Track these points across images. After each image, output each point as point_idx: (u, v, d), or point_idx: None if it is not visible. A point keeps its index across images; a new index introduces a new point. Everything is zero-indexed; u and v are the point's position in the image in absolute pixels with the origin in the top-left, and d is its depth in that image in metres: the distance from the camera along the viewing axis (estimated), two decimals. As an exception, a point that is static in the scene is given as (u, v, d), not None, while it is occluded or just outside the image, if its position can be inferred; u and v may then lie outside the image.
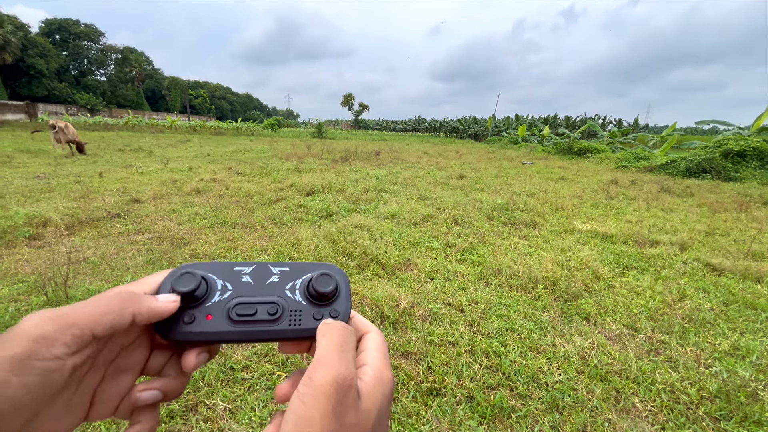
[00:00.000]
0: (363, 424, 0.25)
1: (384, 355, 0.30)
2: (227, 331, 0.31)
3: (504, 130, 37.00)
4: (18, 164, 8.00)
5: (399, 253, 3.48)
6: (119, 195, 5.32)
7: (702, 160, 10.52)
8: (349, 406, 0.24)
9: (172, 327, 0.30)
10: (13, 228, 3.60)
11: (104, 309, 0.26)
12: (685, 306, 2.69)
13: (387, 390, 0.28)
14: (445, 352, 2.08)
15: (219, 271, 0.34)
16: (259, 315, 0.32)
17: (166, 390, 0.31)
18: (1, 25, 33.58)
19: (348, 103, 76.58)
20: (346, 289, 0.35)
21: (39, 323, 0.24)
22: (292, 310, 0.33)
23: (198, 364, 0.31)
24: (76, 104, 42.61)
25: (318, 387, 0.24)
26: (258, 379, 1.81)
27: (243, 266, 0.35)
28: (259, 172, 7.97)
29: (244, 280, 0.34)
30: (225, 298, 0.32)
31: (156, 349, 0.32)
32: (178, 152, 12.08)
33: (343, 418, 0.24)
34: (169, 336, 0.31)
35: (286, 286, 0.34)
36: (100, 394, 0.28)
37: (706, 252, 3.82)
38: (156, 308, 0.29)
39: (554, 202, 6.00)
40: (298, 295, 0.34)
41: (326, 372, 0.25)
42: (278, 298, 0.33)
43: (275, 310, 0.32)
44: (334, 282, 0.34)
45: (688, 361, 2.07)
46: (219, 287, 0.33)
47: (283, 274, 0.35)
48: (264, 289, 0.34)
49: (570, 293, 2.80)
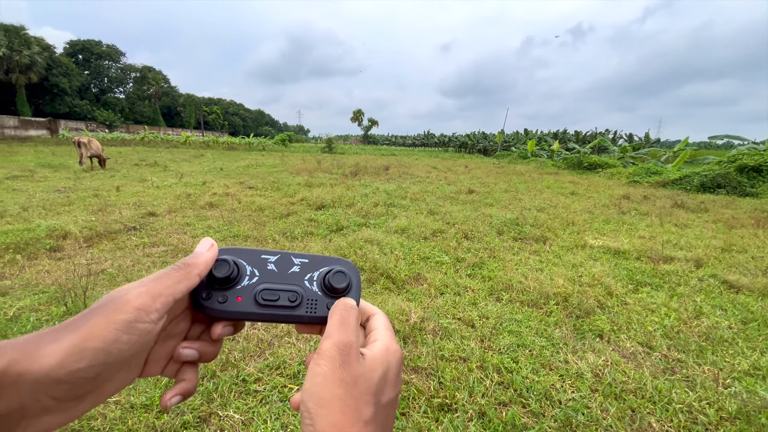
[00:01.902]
0: (367, 376, 0.31)
1: (390, 332, 0.37)
2: (253, 312, 0.36)
3: (513, 145, 37.05)
4: (40, 178, 8.29)
5: (409, 267, 3.49)
6: (135, 208, 5.46)
7: (716, 175, 10.37)
8: (352, 362, 0.31)
9: (208, 305, 0.36)
10: (35, 240, 3.72)
11: (176, 279, 0.32)
12: (702, 324, 2.64)
13: (393, 358, 0.34)
14: (456, 367, 2.07)
15: (248, 257, 0.39)
16: (281, 301, 0.37)
17: (202, 351, 0.37)
18: (28, 46, 35.26)
19: (358, 118, 77.71)
20: (356, 284, 0.40)
21: (138, 295, 0.29)
22: (309, 299, 0.38)
23: (223, 333, 0.37)
24: (96, 120, 44.03)
25: (324, 352, 0.31)
26: (270, 392, 1.82)
27: (269, 255, 0.40)
28: (270, 186, 8.11)
29: (269, 268, 0.39)
30: (253, 282, 0.37)
31: (195, 322, 0.38)
32: (192, 167, 12.38)
33: (349, 370, 0.30)
34: (205, 312, 0.36)
35: (305, 276, 0.39)
36: (153, 355, 0.34)
37: (722, 269, 3.74)
38: (207, 258, 0.35)
39: (565, 217, 5.97)
40: (315, 285, 0.39)
41: (329, 342, 0.32)
42: (298, 287, 0.38)
43: (295, 298, 0.37)
44: (347, 279, 0.39)
45: (706, 381, 2.02)
46: (248, 273, 0.38)
47: (303, 265, 0.40)
48: (286, 277, 0.39)
49: (582, 309, 2.76)
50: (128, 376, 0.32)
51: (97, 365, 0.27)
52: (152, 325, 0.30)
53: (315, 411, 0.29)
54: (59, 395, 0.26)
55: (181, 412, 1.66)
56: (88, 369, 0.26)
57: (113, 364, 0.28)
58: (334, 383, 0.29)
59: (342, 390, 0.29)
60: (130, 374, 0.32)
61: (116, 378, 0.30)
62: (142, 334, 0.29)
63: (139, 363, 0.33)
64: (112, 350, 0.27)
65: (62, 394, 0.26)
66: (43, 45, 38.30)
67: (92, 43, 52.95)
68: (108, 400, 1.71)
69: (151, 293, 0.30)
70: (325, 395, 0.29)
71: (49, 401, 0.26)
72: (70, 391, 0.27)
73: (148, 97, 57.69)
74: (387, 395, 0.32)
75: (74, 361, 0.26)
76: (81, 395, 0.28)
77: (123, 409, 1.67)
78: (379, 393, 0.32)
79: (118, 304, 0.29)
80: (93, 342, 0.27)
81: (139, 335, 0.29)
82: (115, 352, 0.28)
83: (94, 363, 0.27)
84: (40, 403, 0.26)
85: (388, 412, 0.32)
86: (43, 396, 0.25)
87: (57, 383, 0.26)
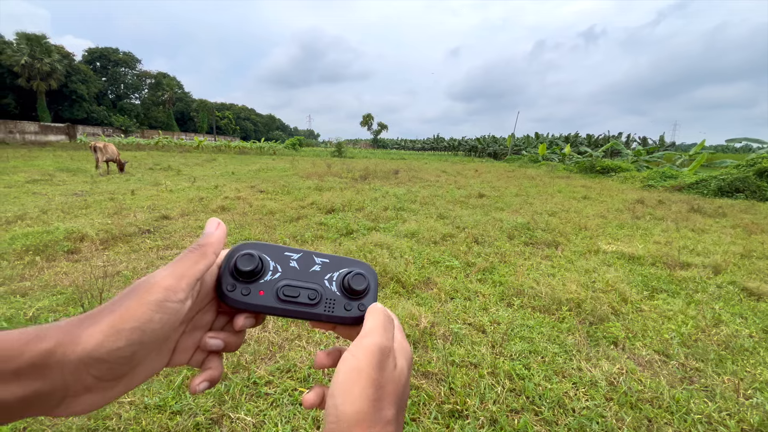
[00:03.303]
0: (396, 382, 0.32)
1: (402, 333, 0.37)
2: (274, 307, 0.38)
3: (524, 148, 36.75)
4: (58, 182, 8.52)
5: (419, 271, 3.48)
6: (149, 212, 5.57)
7: (734, 179, 10.12)
8: (388, 365, 0.32)
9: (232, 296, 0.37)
10: (54, 242, 3.82)
11: (195, 259, 0.34)
12: (721, 332, 2.56)
13: (408, 357, 0.36)
14: (467, 373, 2.05)
15: (272, 253, 0.40)
16: (301, 298, 0.38)
17: (227, 342, 0.39)
18: (49, 54, 36.41)
19: (367, 122, 78.07)
20: (374, 287, 0.41)
21: (164, 277, 0.32)
22: (328, 298, 0.39)
23: (245, 325, 0.38)
24: (112, 126, 45.18)
25: (366, 347, 0.32)
26: (281, 395, 1.83)
27: (291, 252, 0.41)
28: (281, 190, 8.19)
29: (291, 265, 0.40)
30: (275, 278, 0.39)
31: (219, 314, 0.40)
32: (205, 171, 12.58)
33: (383, 372, 0.31)
34: (228, 303, 0.37)
35: (325, 276, 0.40)
36: (181, 344, 0.36)
37: (742, 275, 3.64)
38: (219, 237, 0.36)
39: (577, 221, 5.88)
40: (334, 286, 0.40)
41: (373, 339, 0.32)
42: (318, 286, 0.39)
43: (314, 296, 0.39)
44: (366, 282, 0.40)
45: (726, 391, 1.96)
46: (271, 268, 0.39)
47: (324, 265, 0.41)
48: (307, 275, 0.40)
49: (596, 316, 2.71)
50: (159, 362, 0.34)
51: (133, 344, 0.29)
52: (180, 305, 0.32)
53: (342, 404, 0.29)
54: (100, 374, 0.28)
55: (193, 414, 1.68)
56: (125, 348, 0.29)
57: (147, 343, 0.30)
58: (368, 381, 0.30)
59: (372, 390, 0.30)
60: (160, 360, 0.34)
61: (148, 361, 0.32)
62: (172, 313, 0.31)
63: (169, 349, 0.35)
64: (146, 329, 0.29)
65: (103, 373, 0.28)
66: (63, 53, 39.54)
67: (110, 50, 54.45)
68: (122, 400, 1.74)
69: (175, 275, 0.32)
70: (354, 391, 0.30)
71: (90, 380, 0.28)
72: (110, 370, 0.29)
73: (163, 103, 58.95)
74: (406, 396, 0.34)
75: (113, 341, 0.28)
76: (119, 375, 0.30)
77: (137, 410, 1.70)
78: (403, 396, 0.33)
79: (148, 286, 0.31)
80: (129, 322, 0.29)
81: (169, 314, 0.31)
82: (149, 331, 0.30)
83: (130, 342, 0.29)
84: (82, 382, 0.28)
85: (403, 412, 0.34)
86: (85, 375, 0.28)
87: (98, 362, 0.28)
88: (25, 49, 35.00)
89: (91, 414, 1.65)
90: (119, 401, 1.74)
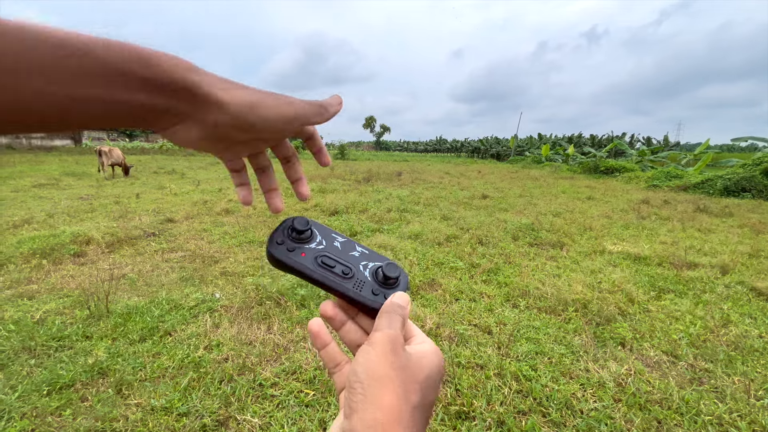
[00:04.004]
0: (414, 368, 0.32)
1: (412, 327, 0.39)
2: (310, 269, 0.41)
3: (527, 149, 36.67)
4: (64, 186, 8.59)
5: (423, 273, 3.47)
6: (154, 215, 5.60)
7: (741, 179, 10.03)
8: (398, 352, 0.32)
9: (279, 247, 0.40)
10: (60, 246, 3.85)
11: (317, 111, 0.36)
12: (730, 332, 2.53)
13: (441, 363, 0.36)
14: (473, 374, 2.03)
15: (321, 230, 0.44)
16: (336, 270, 0.41)
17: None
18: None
19: (370, 125, 78.21)
20: (404, 285, 0.43)
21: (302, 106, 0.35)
22: (360, 279, 0.41)
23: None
24: (117, 130, 45.58)
25: (376, 340, 0.33)
26: (287, 396, 1.82)
27: (337, 236, 0.45)
28: (284, 192, 8.18)
29: (335, 244, 0.44)
30: (318, 249, 0.42)
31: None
32: (209, 174, 12.64)
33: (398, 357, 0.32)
34: (275, 255, 0.40)
35: (362, 262, 0.43)
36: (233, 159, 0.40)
37: (750, 275, 3.60)
38: (337, 109, 0.39)
39: (582, 222, 5.85)
40: (368, 272, 0.42)
41: (379, 333, 0.34)
42: (354, 266, 0.42)
43: (348, 272, 0.41)
44: (399, 272, 0.42)
45: (737, 392, 1.94)
46: (317, 240, 0.43)
47: (362, 254, 0.44)
48: (346, 257, 0.43)
49: (602, 317, 2.69)
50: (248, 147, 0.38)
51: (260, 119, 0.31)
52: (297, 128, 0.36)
53: (368, 383, 0.30)
54: (222, 120, 0.30)
55: (199, 416, 1.68)
56: (255, 121, 0.31)
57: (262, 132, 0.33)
58: (387, 363, 0.31)
59: (394, 372, 0.30)
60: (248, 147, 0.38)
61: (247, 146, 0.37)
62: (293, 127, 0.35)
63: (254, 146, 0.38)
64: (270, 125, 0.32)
65: (225, 120, 0.30)
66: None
67: (114, 55, 55.09)
68: (128, 402, 1.74)
69: (303, 110, 0.35)
70: (378, 371, 0.30)
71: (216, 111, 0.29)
72: (231, 122, 0.30)
73: (167, 107, 59.43)
74: (431, 395, 0.33)
75: (246, 113, 0.30)
76: (232, 137, 0.32)
77: (144, 411, 1.70)
78: (426, 389, 0.32)
79: (288, 99, 0.34)
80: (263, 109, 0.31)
81: (292, 128, 0.35)
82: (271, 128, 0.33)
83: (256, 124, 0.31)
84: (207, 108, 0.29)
85: (428, 413, 0.33)
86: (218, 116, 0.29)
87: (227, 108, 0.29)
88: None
89: (98, 416, 1.66)
90: (126, 403, 1.75)
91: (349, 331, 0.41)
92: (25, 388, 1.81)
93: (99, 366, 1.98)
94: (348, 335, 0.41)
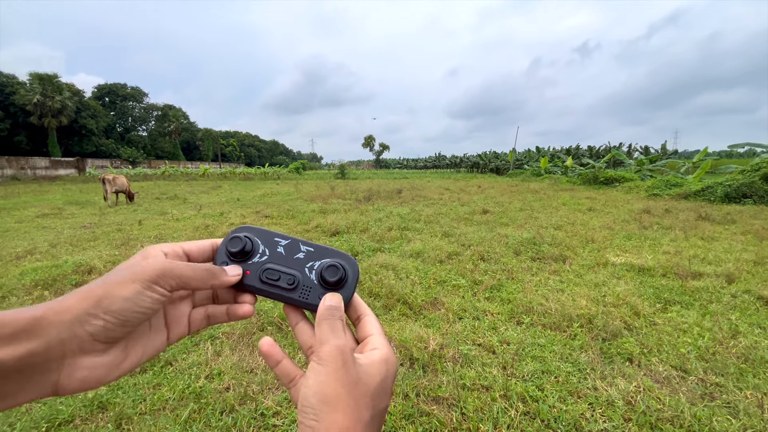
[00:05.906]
0: (366, 380, 0.33)
1: (386, 340, 0.39)
2: (256, 287, 0.41)
3: (525, 162, 36.90)
4: (67, 215, 8.67)
5: (425, 292, 3.44)
6: (156, 241, 5.62)
7: (741, 185, 10.03)
8: (350, 365, 0.33)
9: None
10: (62, 276, 3.85)
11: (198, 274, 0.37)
12: (740, 344, 2.49)
13: (392, 368, 0.36)
14: (479, 396, 1.99)
15: (263, 237, 0.44)
16: (281, 282, 0.41)
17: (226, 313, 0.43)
18: (60, 92, 37.84)
19: (369, 144, 79.14)
20: (352, 279, 0.42)
21: (159, 262, 0.35)
22: (305, 285, 0.42)
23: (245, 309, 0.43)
24: (120, 158, 46.22)
25: (325, 355, 0.33)
26: (289, 426, 1.79)
27: (281, 238, 0.44)
28: (285, 214, 8.25)
29: (278, 250, 0.43)
30: (262, 261, 0.42)
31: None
32: (210, 198, 12.74)
33: (348, 372, 0.32)
34: None
35: (306, 264, 0.43)
36: (169, 317, 0.39)
37: (756, 283, 3.56)
38: (227, 281, 0.40)
39: (584, 234, 5.83)
40: (313, 274, 0.42)
41: (328, 346, 0.34)
42: (298, 272, 0.42)
43: (293, 282, 0.41)
44: (340, 273, 0.41)
45: (750, 407, 1.89)
46: (260, 251, 0.43)
47: (308, 253, 0.43)
48: (291, 261, 0.43)
49: (608, 331, 2.65)
50: (157, 338, 0.37)
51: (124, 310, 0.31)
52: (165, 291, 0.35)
53: (319, 408, 0.30)
54: (94, 331, 0.30)
55: (200, 449, 1.64)
56: (117, 312, 0.31)
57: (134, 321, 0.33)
58: (337, 382, 0.31)
59: (344, 390, 0.31)
60: (159, 338, 0.37)
61: (142, 333, 0.36)
62: (159, 295, 0.34)
63: (161, 324, 0.38)
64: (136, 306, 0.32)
65: (97, 330, 0.30)
66: (73, 90, 41.02)
67: (118, 86, 56.43)
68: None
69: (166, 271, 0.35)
70: (329, 392, 0.31)
71: (85, 337, 0.30)
72: (104, 328, 0.30)
73: (169, 133, 60.38)
74: (383, 402, 0.34)
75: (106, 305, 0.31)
76: (114, 338, 0.32)
77: None
78: (377, 398, 0.33)
79: (144, 265, 0.34)
80: (116, 301, 0.31)
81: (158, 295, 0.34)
82: (141, 307, 0.33)
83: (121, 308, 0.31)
84: (78, 338, 0.29)
85: (381, 419, 0.34)
86: (80, 330, 0.29)
87: (92, 317, 0.30)
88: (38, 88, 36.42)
89: (97, 453, 1.62)
90: (125, 438, 1.71)
91: (302, 332, 0.41)
92: (23, 425, 1.79)
93: (99, 400, 1.96)
94: (301, 336, 0.41)
